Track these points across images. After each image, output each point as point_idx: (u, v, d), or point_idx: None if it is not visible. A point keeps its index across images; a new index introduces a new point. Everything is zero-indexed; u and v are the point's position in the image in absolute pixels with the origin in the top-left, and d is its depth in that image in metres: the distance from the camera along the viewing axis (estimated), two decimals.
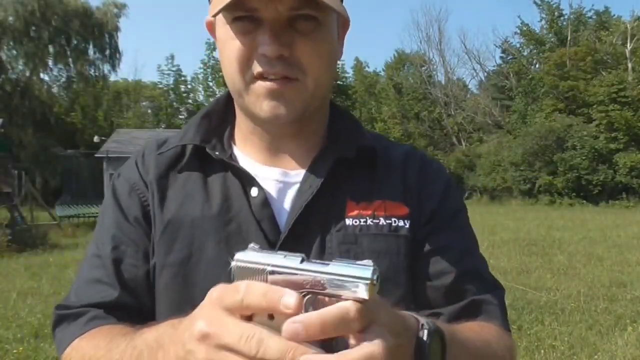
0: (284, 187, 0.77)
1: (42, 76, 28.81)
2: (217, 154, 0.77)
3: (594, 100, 25.83)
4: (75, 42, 27.48)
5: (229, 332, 0.45)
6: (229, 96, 0.84)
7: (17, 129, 24.21)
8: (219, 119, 0.83)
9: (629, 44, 28.57)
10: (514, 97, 33.26)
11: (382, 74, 43.79)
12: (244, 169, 0.76)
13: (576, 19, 33.57)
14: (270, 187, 0.77)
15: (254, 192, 0.75)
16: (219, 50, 0.75)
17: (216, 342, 0.45)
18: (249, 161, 0.79)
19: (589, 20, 33.77)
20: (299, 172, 0.78)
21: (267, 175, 0.78)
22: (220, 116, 0.84)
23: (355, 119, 0.86)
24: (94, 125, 33.81)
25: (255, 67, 0.69)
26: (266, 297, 0.44)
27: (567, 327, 4.89)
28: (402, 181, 0.80)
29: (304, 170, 0.78)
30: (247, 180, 0.76)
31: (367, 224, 0.75)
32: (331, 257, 0.72)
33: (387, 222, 0.76)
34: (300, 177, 0.77)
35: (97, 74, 29.26)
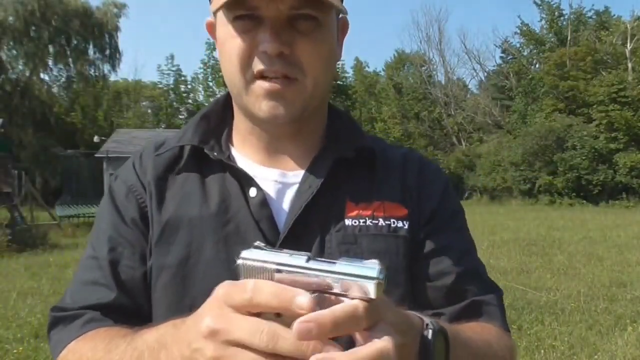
0: (282, 187, 0.77)
1: (42, 76, 28.90)
2: (215, 154, 0.77)
3: (594, 100, 25.82)
4: (75, 42, 27.50)
5: (240, 328, 0.44)
6: (228, 97, 0.84)
7: (17, 129, 24.22)
8: (218, 120, 0.83)
9: (629, 44, 28.56)
10: (514, 97, 33.24)
11: (382, 74, 43.81)
12: (242, 169, 0.76)
13: (576, 19, 33.56)
14: (268, 187, 0.77)
15: (253, 193, 0.75)
16: (219, 50, 0.75)
17: (225, 338, 0.44)
18: (247, 162, 0.79)
19: (589, 20, 33.76)
20: (297, 173, 0.78)
21: (266, 175, 0.78)
22: (218, 117, 0.84)
23: (353, 120, 0.86)
24: (94, 125, 33.81)
25: (255, 66, 0.70)
26: (277, 297, 0.43)
27: (567, 327, 4.88)
28: (401, 182, 0.80)
29: (302, 171, 0.78)
30: (246, 180, 0.76)
31: (367, 225, 0.75)
32: (331, 257, 0.72)
33: (386, 223, 0.76)
34: (298, 178, 0.77)
35: (97, 74, 29.30)
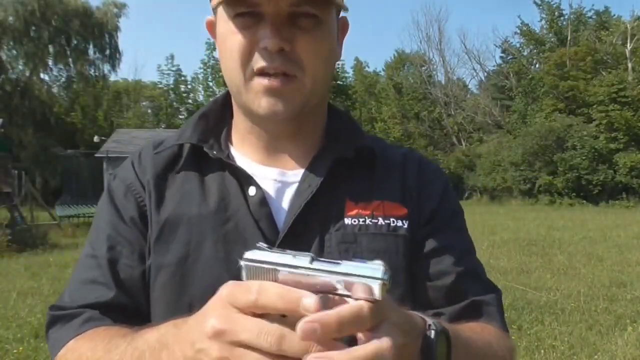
0: (282, 186, 0.77)
1: (42, 76, 28.88)
2: (214, 153, 0.77)
3: (594, 100, 25.80)
4: (75, 42, 27.48)
5: (246, 328, 0.44)
6: (227, 96, 0.84)
7: (17, 129, 24.21)
8: (217, 119, 0.83)
9: (629, 44, 28.56)
10: (514, 97, 33.23)
11: (382, 74, 43.78)
12: (241, 168, 0.76)
13: (576, 19, 33.55)
14: (268, 186, 0.76)
15: (252, 191, 0.75)
16: (219, 47, 0.75)
17: (231, 338, 0.44)
18: (246, 161, 0.79)
19: (589, 20, 33.75)
20: (296, 172, 0.78)
21: (265, 174, 0.78)
22: (217, 116, 0.84)
23: (353, 120, 0.86)
24: (94, 125, 33.79)
25: (255, 62, 0.70)
26: (283, 299, 0.43)
27: (567, 327, 4.88)
28: (401, 182, 0.80)
29: (301, 170, 0.78)
30: (245, 179, 0.75)
31: (366, 224, 0.75)
32: (330, 257, 0.72)
33: (385, 222, 0.76)
34: (298, 177, 0.77)
35: (97, 74, 29.29)
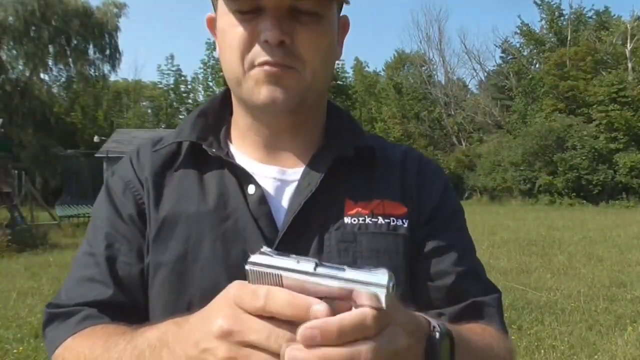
0: (281, 185, 0.77)
1: (42, 76, 28.80)
2: (213, 151, 0.77)
3: (594, 100, 25.80)
4: (75, 42, 27.43)
5: (256, 330, 0.44)
6: (226, 94, 0.84)
7: (17, 129, 24.19)
8: (216, 117, 0.83)
9: (629, 44, 28.55)
10: (514, 97, 33.23)
11: (382, 74, 43.79)
12: (240, 166, 0.75)
13: (576, 19, 33.55)
14: (267, 185, 0.76)
15: (251, 190, 0.74)
16: (219, 41, 0.74)
17: (240, 339, 0.44)
18: (245, 159, 0.79)
19: (589, 20, 33.74)
20: (296, 170, 0.77)
21: (265, 173, 0.77)
22: (216, 114, 0.83)
23: (353, 119, 0.86)
24: (94, 125, 33.81)
25: (255, 55, 0.69)
26: (291, 306, 0.43)
27: (567, 327, 4.88)
28: (401, 181, 0.80)
29: (301, 168, 0.77)
30: (244, 177, 0.75)
31: (366, 223, 0.75)
32: (330, 256, 0.72)
33: (385, 221, 0.75)
34: (297, 176, 0.77)
35: (97, 74, 29.24)
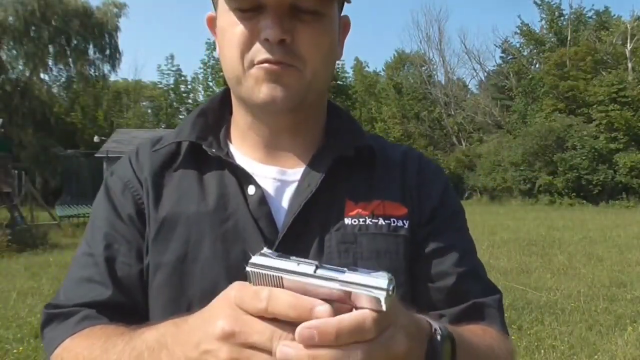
0: (281, 185, 0.76)
1: (42, 76, 28.77)
2: (213, 151, 0.76)
3: (594, 100, 25.80)
4: (75, 42, 27.42)
5: (258, 331, 0.44)
6: (225, 94, 0.84)
7: (17, 129, 24.18)
8: (215, 117, 0.82)
9: (629, 44, 28.54)
10: (514, 97, 33.23)
11: (382, 74, 43.78)
12: (240, 166, 0.75)
13: (576, 19, 33.55)
14: (267, 185, 0.76)
15: (251, 190, 0.74)
16: (219, 40, 0.74)
17: (241, 341, 0.44)
18: (245, 159, 0.78)
19: (589, 20, 33.75)
20: (296, 170, 0.77)
21: (265, 173, 0.77)
22: (216, 114, 0.83)
23: (353, 119, 0.85)
24: (94, 125, 33.80)
25: (255, 53, 0.69)
26: (295, 307, 0.43)
27: (567, 327, 4.88)
28: (401, 181, 0.80)
29: (301, 169, 0.77)
30: (244, 178, 0.75)
31: (366, 224, 0.74)
32: (330, 257, 0.72)
33: (385, 222, 0.75)
34: (297, 176, 0.76)
35: (97, 74, 29.22)
